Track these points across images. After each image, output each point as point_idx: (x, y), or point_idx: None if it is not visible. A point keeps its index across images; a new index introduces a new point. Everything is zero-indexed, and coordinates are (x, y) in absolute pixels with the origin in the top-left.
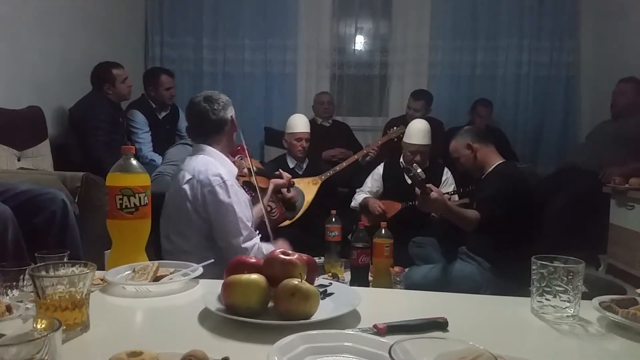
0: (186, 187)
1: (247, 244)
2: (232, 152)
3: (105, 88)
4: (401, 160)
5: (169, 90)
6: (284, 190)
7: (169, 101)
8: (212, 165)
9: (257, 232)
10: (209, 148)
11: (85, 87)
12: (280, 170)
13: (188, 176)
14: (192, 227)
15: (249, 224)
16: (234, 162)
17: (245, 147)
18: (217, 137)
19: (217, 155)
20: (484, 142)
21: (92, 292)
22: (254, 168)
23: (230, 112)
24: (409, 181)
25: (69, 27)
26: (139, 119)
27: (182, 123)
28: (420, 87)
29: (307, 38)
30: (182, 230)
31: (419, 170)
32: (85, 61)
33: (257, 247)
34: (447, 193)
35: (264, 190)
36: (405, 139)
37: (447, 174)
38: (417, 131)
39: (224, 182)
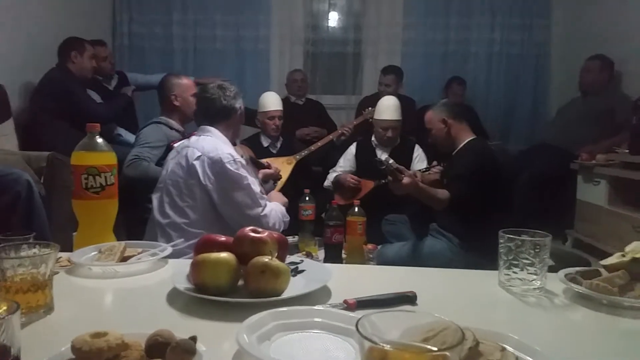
0: (196, 163)
1: (266, 211)
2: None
3: (72, 56)
4: (373, 139)
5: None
6: None
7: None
8: (221, 145)
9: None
10: (215, 130)
11: (51, 66)
12: (267, 161)
13: (197, 153)
14: (194, 203)
15: (262, 193)
16: None
17: None
18: (223, 124)
19: (222, 138)
20: (459, 118)
21: (56, 273)
22: (247, 156)
23: (240, 103)
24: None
25: (34, 4)
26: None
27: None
28: (394, 64)
29: (280, 14)
30: (181, 206)
31: (391, 161)
32: (51, 39)
33: (273, 210)
34: (419, 170)
35: None
36: (376, 116)
37: (417, 151)
38: (387, 107)
39: (234, 159)
